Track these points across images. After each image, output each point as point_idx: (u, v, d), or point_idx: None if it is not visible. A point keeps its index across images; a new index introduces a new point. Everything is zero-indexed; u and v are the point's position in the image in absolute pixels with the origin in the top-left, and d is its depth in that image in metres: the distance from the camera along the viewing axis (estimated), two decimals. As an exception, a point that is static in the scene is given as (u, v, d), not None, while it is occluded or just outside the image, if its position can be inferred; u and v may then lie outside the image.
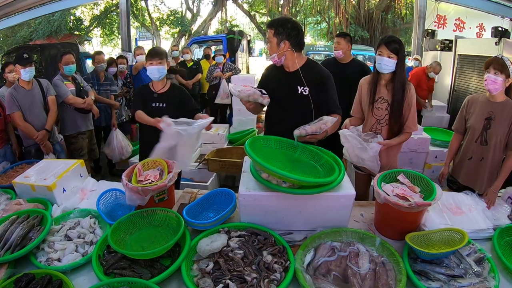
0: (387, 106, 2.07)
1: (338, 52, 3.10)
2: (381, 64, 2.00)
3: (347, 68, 3.11)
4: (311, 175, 1.57)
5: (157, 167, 1.83)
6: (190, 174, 3.20)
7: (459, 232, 1.44)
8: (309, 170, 1.63)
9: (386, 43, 1.97)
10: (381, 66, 2.01)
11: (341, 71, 3.06)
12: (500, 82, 1.86)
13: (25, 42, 12.59)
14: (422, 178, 1.65)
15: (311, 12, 17.50)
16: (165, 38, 17.91)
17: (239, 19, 18.91)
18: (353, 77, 3.07)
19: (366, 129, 2.21)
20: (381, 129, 2.13)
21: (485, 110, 1.97)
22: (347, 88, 3.10)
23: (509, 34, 4.68)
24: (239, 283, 1.24)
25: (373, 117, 2.15)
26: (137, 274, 1.31)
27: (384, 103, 2.09)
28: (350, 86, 3.09)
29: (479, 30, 7.06)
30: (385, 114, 2.09)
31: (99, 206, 1.70)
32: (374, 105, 2.12)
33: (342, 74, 3.03)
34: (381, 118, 2.12)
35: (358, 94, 2.24)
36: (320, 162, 1.69)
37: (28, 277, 1.25)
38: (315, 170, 1.64)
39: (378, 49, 2.02)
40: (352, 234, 1.50)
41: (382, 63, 2.00)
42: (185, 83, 5.42)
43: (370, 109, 2.14)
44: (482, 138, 2.00)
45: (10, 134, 2.83)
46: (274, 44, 1.85)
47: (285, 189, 1.44)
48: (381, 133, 2.13)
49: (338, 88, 3.08)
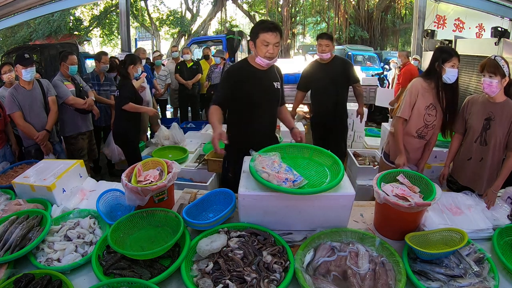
0: (436, 113, 2.18)
1: (327, 55, 3.03)
2: (455, 76, 2.07)
3: (331, 67, 3.08)
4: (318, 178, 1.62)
5: (157, 167, 1.83)
6: (190, 174, 3.20)
7: (458, 232, 1.44)
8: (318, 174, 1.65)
9: (457, 56, 2.07)
10: (454, 78, 2.08)
11: (327, 72, 3.06)
12: (495, 84, 1.86)
13: (24, 42, 12.60)
14: (421, 178, 1.65)
15: (310, 12, 17.52)
16: (164, 38, 17.93)
17: (239, 19, 18.97)
18: (338, 75, 3.09)
19: (413, 131, 2.26)
20: (427, 132, 2.25)
21: (485, 110, 1.97)
22: (334, 87, 3.11)
23: (509, 34, 4.69)
24: (238, 283, 1.24)
25: (422, 121, 2.22)
26: (136, 275, 1.31)
27: (433, 109, 2.18)
28: (337, 84, 3.10)
29: (479, 30, 7.07)
30: (433, 120, 2.20)
31: (99, 207, 1.70)
32: (426, 111, 2.18)
33: (329, 75, 3.06)
34: (429, 123, 2.21)
35: (409, 97, 2.20)
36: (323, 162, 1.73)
37: (28, 277, 1.25)
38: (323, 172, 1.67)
39: (449, 61, 2.05)
40: (351, 234, 1.50)
41: (455, 75, 2.07)
42: (185, 83, 5.43)
43: (422, 114, 2.20)
44: (482, 139, 2.00)
45: (10, 134, 2.82)
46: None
47: (284, 189, 1.44)
48: (426, 135, 2.26)
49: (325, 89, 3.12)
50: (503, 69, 1.84)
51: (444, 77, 2.08)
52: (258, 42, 1.86)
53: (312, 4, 17.09)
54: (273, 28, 1.84)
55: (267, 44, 1.84)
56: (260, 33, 1.85)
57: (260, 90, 1.99)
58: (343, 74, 3.10)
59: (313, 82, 3.18)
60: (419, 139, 2.28)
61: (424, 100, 2.16)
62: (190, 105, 5.91)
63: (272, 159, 1.62)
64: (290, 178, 1.50)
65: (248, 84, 1.97)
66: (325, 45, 3.00)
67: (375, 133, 4.58)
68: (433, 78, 2.14)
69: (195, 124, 5.16)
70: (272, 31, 1.83)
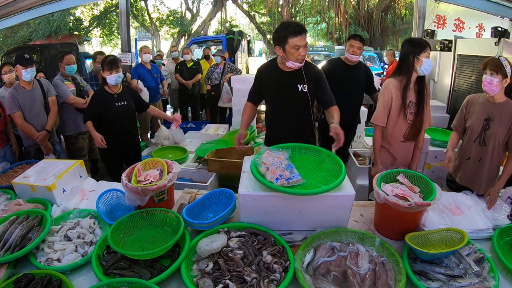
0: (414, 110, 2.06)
1: (357, 57, 2.93)
2: (431, 66, 1.99)
3: (356, 71, 3.02)
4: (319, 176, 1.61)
5: (157, 167, 1.83)
6: (190, 174, 3.20)
7: (458, 232, 1.44)
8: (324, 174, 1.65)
9: (430, 47, 1.98)
10: (430, 69, 2.00)
11: (351, 73, 2.99)
12: (496, 83, 1.83)
13: (24, 42, 12.59)
14: (421, 178, 1.65)
15: (310, 13, 17.52)
16: (164, 38, 17.93)
17: (239, 19, 18.97)
18: (361, 80, 3.07)
19: (399, 136, 2.13)
20: (408, 133, 2.11)
21: (485, 110, 1.96)
22: (356, 91, 3.07)
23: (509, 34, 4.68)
24: (238, 283, 1.24)
25: (406, 123, 2.09)
26: (136, 275, 1.31)
27: (414, 107, 2.06)
28: (358, 88, 3.07)
29: (479, 30, 7.06)
30: (413, 118, 2.07)
31: (99, 207, 1.70)
32: (407, 110, 2.06)
33: (352, 77, 3.00)
34: (411, 123, 2.08)
35: (383, 100, 2.08)
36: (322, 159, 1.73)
37: (28, 277, 1.25)
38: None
39: (425, 51, 1.96)
40: (351, 234, 1.50)
41: (431, 65, 1.99)
42: (185, 83, 5.43)
43: (403, 115, 2.06)
44: (481, 139, 1.98)
45: (10, 134, 2.82)
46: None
47: (284, 190, 1.44)
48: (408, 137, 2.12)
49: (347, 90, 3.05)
50: (506, 69, 1.81)
51: (421, 69, 1.98)
52: (288, 47, 1.84)
53: (312, 4, 17.10)
54: (301, 30, 1.83)
55: (297, 48, 1.83)
56: (288, 38, 1.82)
57: (283, 93, 2.03)
58: (366, 81, 3.11)
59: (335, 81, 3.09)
60: (408, 142, 2.16)
61: (400, 99, 2.03)
62: (190, 105, 5.90)
63: (278, 155, 1.63)
64: (285, 175, 1.50)
65: (271, 86, 2.04)
66: (357, 47, 2.91)
67: (375, 133, 4.58)
68: (405, 73, 2.02)
69: (195, 124, 5.16)
70: (301, 33, 1.82)
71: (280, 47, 1.89)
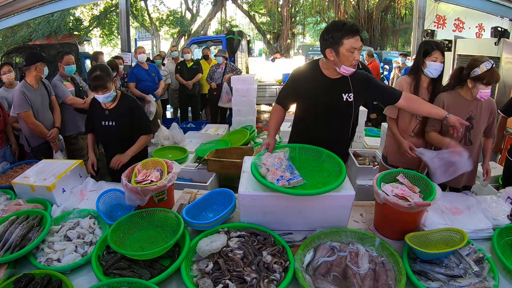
0: None
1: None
2: (437, 70, 2.03)
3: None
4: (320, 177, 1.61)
5: (157, 167, 1.83)
6: (190, 174, 3.20)
7: (458, 232, 1.44)
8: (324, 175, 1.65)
9: (441, 49, 2.02)
10: (437, 72, 2.04)
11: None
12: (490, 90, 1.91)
13: (24, 43, 12.58)
14: (421, 178, 1.65)
15: (310, 13, 17.51)
16: (164, 38, 17.92)
17: (239, 19, 18.95)
18: None
19: (409, 130, 2.19)
20: (418, 129, 2.17)
21: (465, 110, 1.98)
22: None
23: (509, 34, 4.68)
24: (238, 283, 1.24)
25: (416, 119, 2.15)
26: (136, 275, 1.31)
27: None
28: None
29: (479, 30, 7.07)
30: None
31: (99, 207, 1.70)
32: None
33: None
34: (421, 119, 2.14)
35: None
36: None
37: (28, 277, 1.25)
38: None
39: (430, 55, 2.01)
40: (351, 234, 1.50)
41: (438, 69, 2.03)
42: (185, 83, 5.43)
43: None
44: (467, 139, 2.04)
45: (10, 134, 2.82)
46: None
47: (285, 190, 1.44)
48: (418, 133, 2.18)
49: None
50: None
51: (425, 71, 2.05)
52: (343, 50, 1.61)
53: (312, 4, 17.08)
54: (357, 30, 1.61)
55: (353, 51, 1.61)
56: (344, 39, 1.59)
57: (324, 102, 1.78)
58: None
59: None
60: (417, 139, 2.19)
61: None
62: (190, 105, 5.91)
63: (278, 156, 1.63)
64: (286, 176, 1.50)
65: (311, 93, 1.79)
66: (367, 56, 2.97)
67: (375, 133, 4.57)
68: (415, 73, 2.12)
69: (195, 124, 5.17)
70: (356, 34, 1.60)
71: (333, 50, 1.64)
